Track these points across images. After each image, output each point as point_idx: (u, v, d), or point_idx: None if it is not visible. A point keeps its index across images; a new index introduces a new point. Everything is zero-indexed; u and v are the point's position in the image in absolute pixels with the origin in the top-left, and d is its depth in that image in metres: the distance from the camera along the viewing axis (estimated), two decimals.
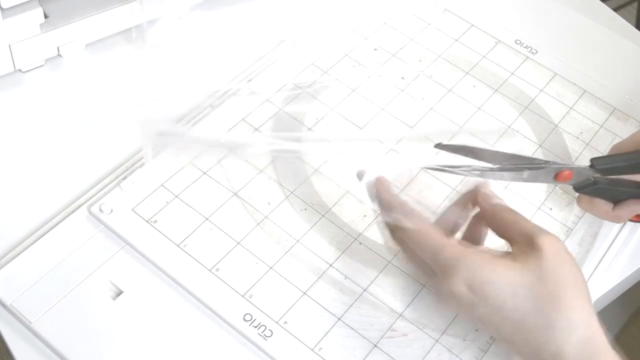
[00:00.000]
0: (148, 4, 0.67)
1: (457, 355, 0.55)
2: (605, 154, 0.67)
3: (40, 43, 0.65)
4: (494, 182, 0.55)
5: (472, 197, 0.55)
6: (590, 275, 0.60)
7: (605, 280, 0.60)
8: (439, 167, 0.56)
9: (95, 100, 0.66)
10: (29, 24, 0.62)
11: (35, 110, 0.65)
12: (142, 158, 0.61)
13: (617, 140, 0.68)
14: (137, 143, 0.63)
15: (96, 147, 0.63)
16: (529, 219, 0.53)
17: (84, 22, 0.66)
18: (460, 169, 0.55)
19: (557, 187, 0.64)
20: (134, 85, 0.67)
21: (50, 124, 0.64)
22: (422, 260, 0.52)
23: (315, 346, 0.54)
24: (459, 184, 0.63)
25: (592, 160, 0.58)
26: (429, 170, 0.63)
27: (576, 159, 0.67)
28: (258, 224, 0.59)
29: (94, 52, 0.69)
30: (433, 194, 0.63)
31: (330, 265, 0.58)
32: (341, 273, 0.57)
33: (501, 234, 0.53)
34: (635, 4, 1.58)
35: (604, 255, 0.62)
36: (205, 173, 0.61)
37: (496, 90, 0.71)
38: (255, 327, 0.54)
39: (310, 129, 0.65)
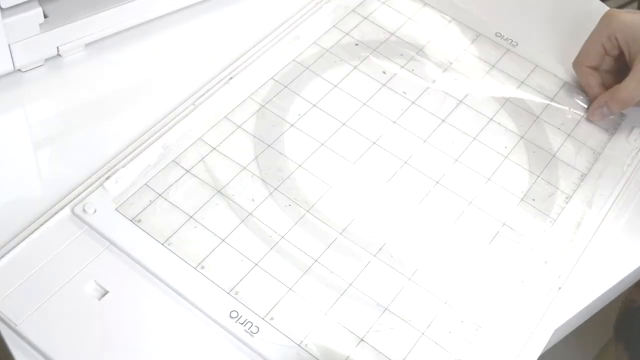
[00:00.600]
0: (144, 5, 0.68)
1: (443, 348, 0.55)
2: (584, 144, 0.68)
3: (40, 43, 0.65)
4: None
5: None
6: (574, 266, 0.60)
7: (592, 275, 0.61)
8: None
9: (95, 100, 0.66)
10: (28, 24, 0.63)
11: (34, 110, 0.65)
12: (125, 157, 0.61)
13: (598, 130, 0.69)
14: (120, 143, 0.63)
15: (79, 147, 0.63)
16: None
17: (83, 22, 0.66)
18: None
19: (540, 179, 0.65)
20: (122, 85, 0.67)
21: (50, 124, 0.64)
22: None
23: (302, 341, 0.54)
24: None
25: None
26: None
27: (557, 150, 0.67)
28: (242, 221, 0.59)
29: (93, 52, 0.69)
30: None
31: (316, 261, 0.58)
32: (326, 268, 0.57)
33: None
34: (635, 4, 1.58)
35: (586, 246, 0.62)
36: (188, 171, 0.61)
37: (477, 84, 0.71)
38: (242, 324, 0.54)
39: (293, 125, 0.65)
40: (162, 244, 0.57)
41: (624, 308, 0.77)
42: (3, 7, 0.60)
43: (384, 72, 0.71)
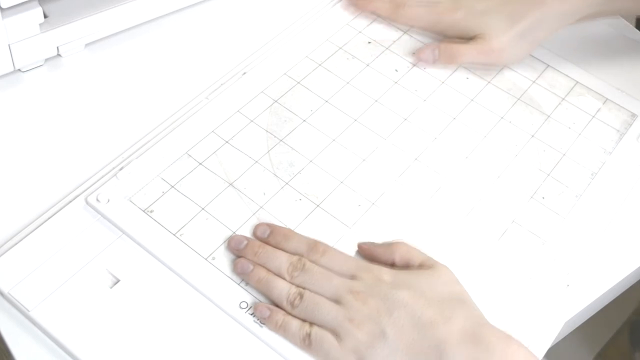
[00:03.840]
0: (144, 5, 0.68)
1: None
2: (595, 144, 0.68)
3: (40, 43, 0.65)
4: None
5: None
6: (582, 264, 0.61)
7: (600, 273, 0.61)
8: None
9: (95, 98, 0.66)
10: (28, 24, 0.63)
11: (35, 110, 0.65)
12: (138, 149, 0.62)
13: (609, 130, 0.69)
14: (134, 135, 0.63)
15: (93, 140, 0.63)
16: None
17: (83, 22, 0.66)
18: None
19: (550, 177, 0.65)
20: (123, 84, 0.68)
21: (49, 124, 0.64)
22: None
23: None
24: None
25: None
26: None
27: (568, 149, 0.67)
28: (254, 214, 0.60)
29: (93, 52, 0.69)
30: None
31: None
32: None
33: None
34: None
35: (595, 244, 0.62)
36: (201, 164, 0.62)
37: (489, 82, 0.71)
38: (251, 314, 0.54)
39: (304, 120, 0.66)
40: (174, 235, 0.57)
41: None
42: (3, 7, 0.60)
43: (396, 70, 0.71)
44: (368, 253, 0.57)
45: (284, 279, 0.54)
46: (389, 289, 0.52)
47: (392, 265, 0.56)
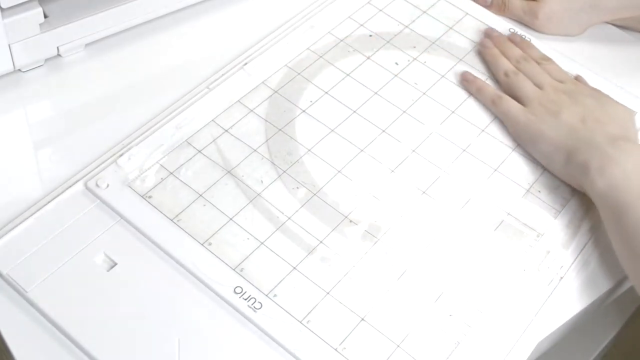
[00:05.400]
0: (144, 5, 0.69)
1: (444, 330, 0.56)
2: None
3: (40, 43, 0.65)
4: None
5: None
6: (577, 257, 0.61)
7: (594, 268, 0.62)
8: None
9: (96, 97, 0.67)
10: (28, 24, 0.63)
11: (35, 109, 0.66)
12: (139, 136, 0.63)
13: None
14: (134, 123, 0.64)
15: (94, 130, 0.64)
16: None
17: (83, 22, 0.66)
18: None
19: (547, 171, 0.65)
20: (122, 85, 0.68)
21: (50, 119, 0.65)
22: None
23: (304, 319, 0.55)
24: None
25: None
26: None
27: None
28: (250, 201, 0.60)
29: (93, 52, 0.70)
30: None
31: (321, 242, 0.59)
32: (331, 249, 0.58)
33: None
34: None
35: (590, 239, 0.63)
36: (200, 152, 0.62)
37: (489, 77, 0.72)
38: (245, 299, 0.55)
39: (304, 111, 0.67)
40: (171, 220, 0.58)
41: None
42: (3, 7, 0.60)
43: (397, 63, 0.72)
44: None
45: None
46: (582, 95, 0.67)
47: None
